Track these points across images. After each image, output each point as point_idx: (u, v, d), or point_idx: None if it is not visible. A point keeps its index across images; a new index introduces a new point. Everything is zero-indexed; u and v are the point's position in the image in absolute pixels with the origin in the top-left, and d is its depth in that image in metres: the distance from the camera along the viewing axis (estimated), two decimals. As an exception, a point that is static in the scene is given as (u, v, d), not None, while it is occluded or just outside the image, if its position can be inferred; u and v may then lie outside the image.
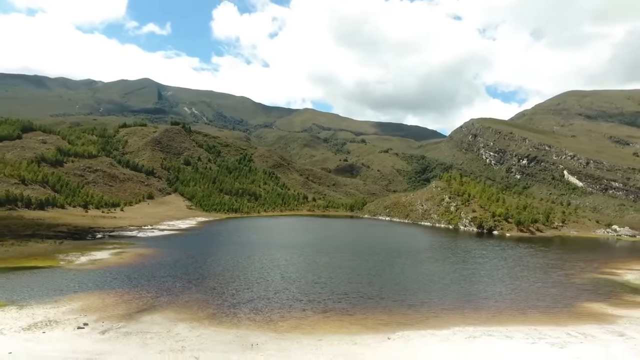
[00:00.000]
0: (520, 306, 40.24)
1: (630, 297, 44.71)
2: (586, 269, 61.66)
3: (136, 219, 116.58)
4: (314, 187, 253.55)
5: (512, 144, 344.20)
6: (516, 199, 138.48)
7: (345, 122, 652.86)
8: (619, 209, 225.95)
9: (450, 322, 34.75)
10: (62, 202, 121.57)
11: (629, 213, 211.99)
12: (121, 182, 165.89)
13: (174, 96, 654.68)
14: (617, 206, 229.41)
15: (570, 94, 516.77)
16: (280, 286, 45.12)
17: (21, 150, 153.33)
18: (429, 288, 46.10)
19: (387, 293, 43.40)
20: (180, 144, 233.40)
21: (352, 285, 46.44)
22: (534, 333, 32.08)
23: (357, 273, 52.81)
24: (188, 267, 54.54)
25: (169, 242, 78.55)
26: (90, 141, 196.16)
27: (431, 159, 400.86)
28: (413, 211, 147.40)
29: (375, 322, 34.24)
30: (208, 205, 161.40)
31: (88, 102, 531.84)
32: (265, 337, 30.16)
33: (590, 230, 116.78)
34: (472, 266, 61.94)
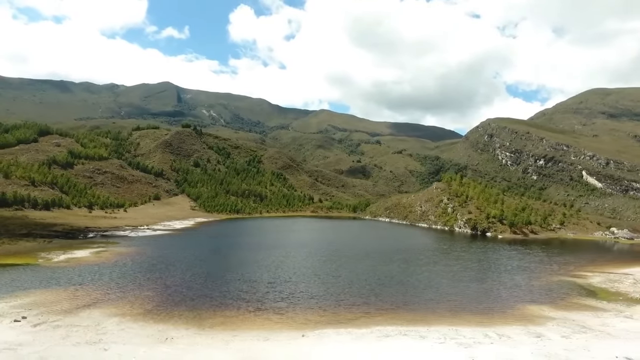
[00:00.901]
0: (458, 308, 40.55)
1: (578, 300, 44.29)
2: (557, 271, 60.88)
3: (136, 219, 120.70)
4: (322, 188, 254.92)
5: (529, 144, 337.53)
6: (517, 200, 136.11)
7: (361, 123, 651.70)
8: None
9: (376, 322, 35.55)
10: (68, 202, 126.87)
11: None
12: (129, 183, 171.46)
13: (193, 99, 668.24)
14: (638, 208, 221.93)
15: (593, 92, 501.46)
16: (233, 286, 46.73)
17: (35, 153, 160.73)
18: (377, 289, 46.78)
19: (332, 293, 44.40)
20: (191, 146, 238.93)
21: (302, 285, 47.65)
22: (451, 333, 32.59)
23: (315, 274, 53.91)
24: (156, 266, 56.84)
25: (155, 242, 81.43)
26: (103, 144, 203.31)
27: (445, 160, 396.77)
28: (412, 212, 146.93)
29: (302, 321, 35.40)
30: (211, 206, 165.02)
31: (110, 106, 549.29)
32: (186, 332, 31.81)
33: (588, 233, 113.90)
34: (439, 268, 62.08)
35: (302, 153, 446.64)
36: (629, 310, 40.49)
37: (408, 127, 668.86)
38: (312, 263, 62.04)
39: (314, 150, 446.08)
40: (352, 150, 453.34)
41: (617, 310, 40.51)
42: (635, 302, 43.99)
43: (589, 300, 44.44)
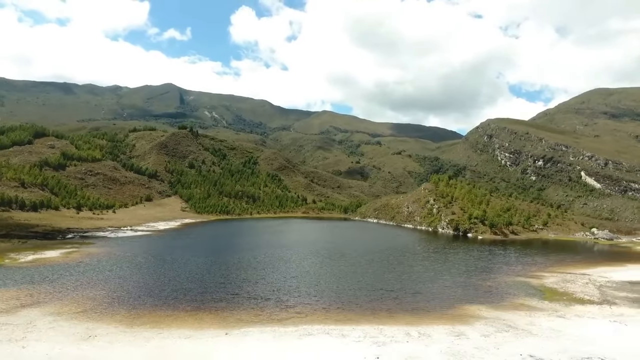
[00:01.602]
0: (398, 308, 41.15)
1: (521, 300, 44.69)
2: (518, 272, 61.16)
3: (122, 220, 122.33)
4: (317, 189, 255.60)
5: (528, 145, 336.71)
6: (503, 201, 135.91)
7: (363, 123, 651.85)
8: (638, 211, 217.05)
9: (307, 321, 36.30)
10: (57, 204, 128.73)
11: None
12: (121, 184, 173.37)
13: (196, 100, 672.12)
14: (636, 209, 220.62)
15: (596, 92, 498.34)
16: (183, 286, 47.67)
17: (28, 154, 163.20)
18: (327, 290, 47.41)
19: (278, 294, 45.18)
20: (187, 148, 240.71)
21: (250, 286, 48.50)
22: (373, 332, 33.26)
23: (270, 275, 54.64)
24: (119, 266, 57.93)
25: (131, 243, 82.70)
26: (98, 146, 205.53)
27: (445, 161, 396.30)
28: (399, 213, 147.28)
29: (233, 320, 36.24)
30: (202, 207, 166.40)
31: (113, 108, 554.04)
32: (114, 330, 32.79)
33: (570, 233, 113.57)
34: (402, 268, 62.60)
35: (302, 154, 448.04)
36: (564, 310, 40.87)
37: (410, 127, 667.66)
38: (274, 264, 62.80)
39: (314, 151, 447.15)
40: (352, 151, 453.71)
41: (553, 310, 40.91)
42: (576, 301, 44.34)
43: (532, 300, 44.84)
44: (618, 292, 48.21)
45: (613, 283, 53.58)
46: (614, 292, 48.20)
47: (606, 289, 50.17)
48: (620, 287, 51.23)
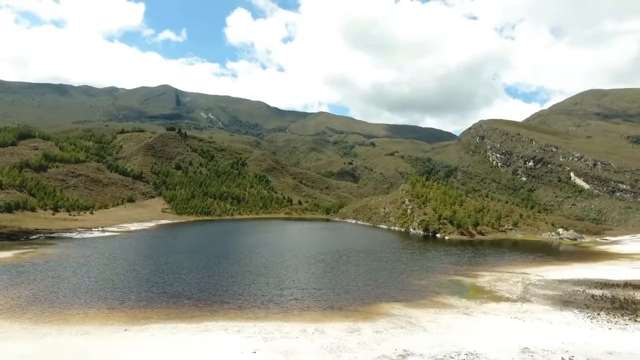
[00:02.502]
0: (315, 306, 41.94)
1: (441, 298, 45.54)
2: (458, 271, 61.97)
3: (97, 221, 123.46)
4: (305, 191, 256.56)
5: (519, 146, 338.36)
6: (478, 202, 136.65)
7: (358, 125, 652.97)
8: (625, 212, 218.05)
9: (214, 318, 37.19)
10: (34, 205, 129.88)
11: (634, 216, 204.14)
12: (104, 186, 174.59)
13: (192, 102, 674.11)
14: (623, 209, 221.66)
15: (589, 93, 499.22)
16: (111, 285, 48.72)
17: (10, 156, 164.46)
18: (254, 289, 48.36)
19: (203, 293, 46.09)
20: (174, 149, 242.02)
21: (183, 286, 49.45)
22: (270, 328, 34.10)
23: (204, 276, 55.36)
24: (59, 267, 58.65)
25: (93, 244, 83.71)
26: (84, 147, 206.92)
27: (437, 162, 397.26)
28: (376, 214, 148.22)
29: (142, 317, 37.15)
30: (183, 209, 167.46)
31: (108, 109, 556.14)
32: (16, 327, 33.74)
33: (538, 234, 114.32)
34: (347, 268, 63.45)
35: (296, 155, 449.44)
36: (476, 308, 41.73)
37: (405, 129, 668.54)
38: (218, 266, 63.69)
39: (308, 152, 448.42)
40: (345, 153, 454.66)
41: (464, 308, 41.78)
42: (494, 299, 45.20)
43: (452, 298, 45.71)
44: (541, 290, 49.05)
45: (543, 281, 54.41)
46: (537, 290, 49.04)
47: (532, 287, 51.03)
48: (547, 285, 52.07)
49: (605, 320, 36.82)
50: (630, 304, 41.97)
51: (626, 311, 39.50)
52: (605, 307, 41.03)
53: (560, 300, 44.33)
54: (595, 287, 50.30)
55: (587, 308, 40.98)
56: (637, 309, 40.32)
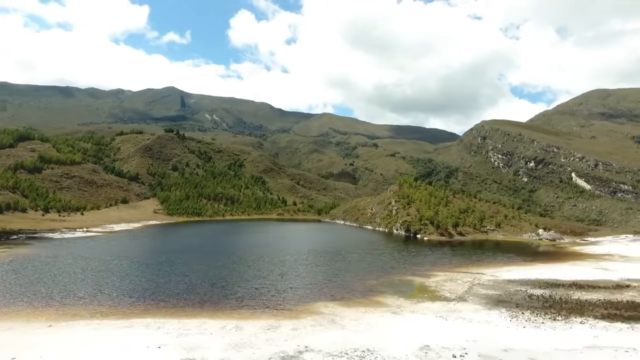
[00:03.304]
0: (252, 304, 42.86)
1: (380, 298, 46.15)
2: (414, 271, 62.38)
3: (85, 222, 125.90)
4: (301, 192, 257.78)
5: (521, 146, 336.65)
6: (466, 202, 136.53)
7: (362, 125, 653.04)
8: (626, 212, 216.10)
9: (143, 315, 38.43)
10: (25, 206, 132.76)
11: (635, 217, 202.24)
12: (98, 187, 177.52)
13: (197, 103, 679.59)
14: (624, 210, 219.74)
15: (594, 93, 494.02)
16: (58, 284, 50.22)
17: (6, 158, 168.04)
18: (205, 288, 49.46)
19: (147, 292, 47.33)
20: (171, 151, 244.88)
21: (133, 284, 50.83)
22: (192, 325, 35.07)
23: (156, 275, 56.39)
24: (20, 266, 59.98)
25: (68, 244, 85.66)
26: (82, 149, 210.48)
27: (438, 162, 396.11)
28: (363, 215, 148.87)
29: (71, 314, 38.32)
30: (174, 209, 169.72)
31: (114, 111, 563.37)
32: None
33: (520, 234, 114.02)
34: (309, 269, 64.27)
35: (298, 156, 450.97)
36: (409, 307, 42.35)
37: (409, 129, 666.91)
38: (185, 265, 64.89)
39: (310, 153, 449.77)
40: (347, 154, 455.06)
41: (397, 307, 42.41)
42: (432, 298, 45.75)
43: (391, 298, 46.35)
44: (483, 290, 49.46)
45: (493, 282, 54.76)
46: (480, 290, 49.46)
47: (478, 287, 51.44)
48: (494, 285, 52.42)
49: (524, 319, 37.26)
50: (562, 303, 42.29)
51: (552, 310, 39.87)
52: (534, 307, 41.41)
53: (496, 300, 44.76)
54: (540, 287, 50.58)
55: (517, 307, 41.40)
56: (565, 308, 40.65)
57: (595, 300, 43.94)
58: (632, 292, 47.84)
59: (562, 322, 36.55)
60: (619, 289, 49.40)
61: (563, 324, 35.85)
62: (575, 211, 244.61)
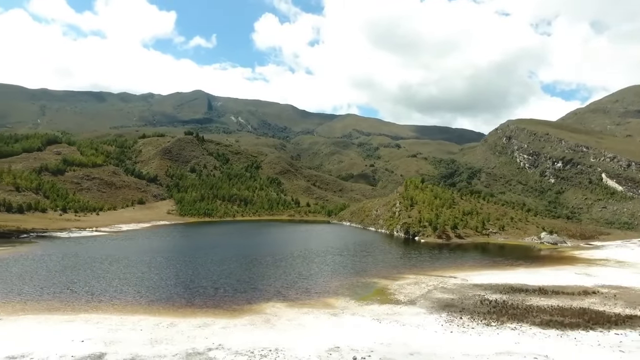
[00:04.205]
0: (207, 303, 44.35)
1: (332, 299, 46.43)
2: (384, 273, 61.85)
3: (97, 222, 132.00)
4: (316, 193, 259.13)
5: (548, 146, 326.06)
6: (472, 204, 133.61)
7: (387, 126, 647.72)
8: None
9: (102, 311, 40.89)
10: (45, 206, 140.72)
11: None
12: (117, 188, 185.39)
13: (223, 106, 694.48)
14: None
15: (630, 90, 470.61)
16: (38, 279, 53.74)
17: (33, 160, 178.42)
18: (162, 286, 51.78)
19: (114, 291, 49.85)
20: (190, 153, 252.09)
21: (107, 282, 53.67)
22: (115, 321, 37.20)
23: (131, 274, 58.94)
24: (8, 264, 64.40)
25: (70, 243, 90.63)
26: (105, 152, 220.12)
27: (461, 163, 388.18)
28: (368, 216, 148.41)
29: (36, 308, 41.36)
30: (186, 210, 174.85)
31: (144, 115, 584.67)
32: None
33: (522, 237, 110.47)
34: (278, 270, 65.49)
35: (319, 157, 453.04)
36: (353, 309, 42.59)
37: (435, 130, 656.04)
38: (166, 264, 67.56)
39: (331, 154, 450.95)
40: (368, 155, 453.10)
41: (342, 309, 42.72)
42: (383, 301, 45.78)
43: (342, 300, 46.67)
44: (440, 294, 48.96)
45: (457, 286, 53.97)
46: (436, 294, 48.99)
47: (437, 290, 50.94)
48: (455, 289, 51.71)
49: (457, 324, 36.93)
50: (509, 309, 41.47)
51: (493, 316, 39.24)
52: (479, 312, 40.84)
53: (444, 304, 44.35)
54: (502, 292, 49.55)
55: (460, 312, 40.97)
56: (509, 313, 39.86)
57: (547, 306, 42.81)
58: (594, 299, 46.17)
59: (494, 327, 36.01)
60: (582, 295, 47.75)
61: (492, 330, 35.34)
62: (605, 213, 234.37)
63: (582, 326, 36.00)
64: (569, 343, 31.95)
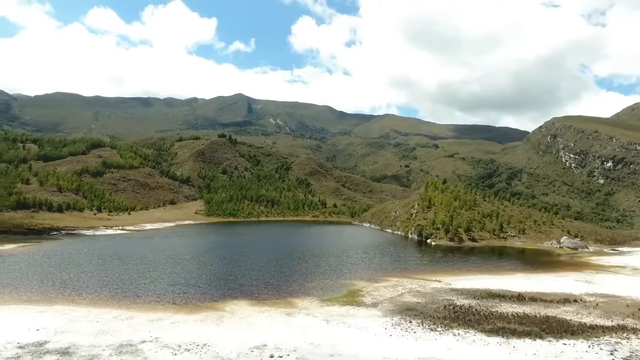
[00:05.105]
0: (176, 299, 46.54)
1: (299, 300, 46.72)
2: (373, 275, 61.72)
3: (126, 221, 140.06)
4: (345, 194, 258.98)
5: (596, 144, 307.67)
6: (495, 206, 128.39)
7: (425, 126, 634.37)
8: None
9: (68, 303, 44.25)
10: (82, 206, 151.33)
11: None
12: (150, 189, 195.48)
13: (263, 109, 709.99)
14: None
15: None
16: (36, 274, 58.52)
17: (76, 163, 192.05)
18: (142, 284, 54.77)
19: (97, 286, 53.47)
20: (223, 155, 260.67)
21: (88, 279, 57.61)
22: (84, 314, 39.97)
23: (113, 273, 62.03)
24: (17, 259, 70.14)
25: (91, 241, 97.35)
26: (143, 154, 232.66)
27: (501, 164, 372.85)
28: (387, 218, 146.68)
29: (8, 300, 45.49)
30: (213, 210, 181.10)
31: (188, 119, 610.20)
32: None
33: (543, 241, 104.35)
34: (261, 269, 66.83)
35: (354, 158, 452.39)
36: (312, 310, 42.87)
37: (477, 129, 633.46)
38: (166, 262, 70.86)
39: (366, 155, 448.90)
40: (404, 155, 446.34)
41: (302, 309, 43.13)
42: (347, 303, 45.69)
43: (306, 300, 47.04)
44: (408, 298, 48.07)
45: (434, 290, 52.66)
46: (404, 298, 48.14)
47: (408, 294, 50.02)
48: (428, 293, 50.49)
49: (402, 329, 36.42)
50: (469, 315, 40.20)
51: (445, 321, 38.23)
52: (434, 317, 39.92)
53: (405, 308, 43.63)
54: (475, 298, 47.92)
55: (415, 316, 40.23)
56: (465, 319, 38.62)
57: (512, 313, 41.04)
58: (570, 307, 43.60)
59: (437, 333, 35.20)
60: (560, 303, 45.18)
61: (433, 335, 34.58)
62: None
63: (533, 335, 34.38)
64: (502, 351, 30.77)
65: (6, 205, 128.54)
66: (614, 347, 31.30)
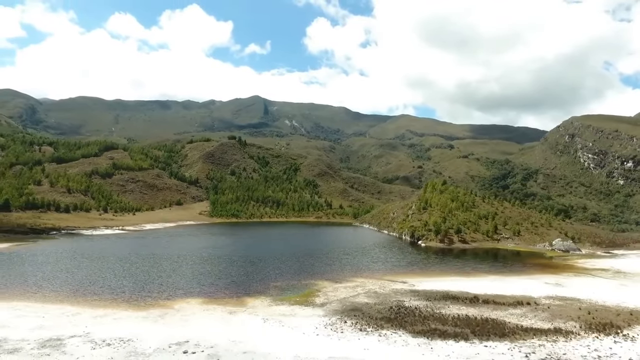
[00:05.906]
0: (123, 297, 48.20)
1: (252, 299, 47.22)
2: (341, 275, 61.72)
3: (129, 221, 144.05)
4: (353, 195, 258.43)
5: (616, 144, 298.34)
6: (494, 208, 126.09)
7: (441, 126, 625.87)
8: None
9: (27, 300, 46.29)
10: (89, 206, 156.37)
11: None
12: (158, 190, 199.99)
13: (279, 110, 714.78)
14: None
15: None
16: (13, 273, 61.13)
17: (87, 165, 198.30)
18: (112, 283, 56.54)
19: (67, 285, 55.64)
20: (232, 156, 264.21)
21: (70, 277, 59.87)
22: (37, 310, 41.75)
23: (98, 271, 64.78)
24: (14, 256, 73.54)
25: (85, 241, 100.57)
26: (153, 156, 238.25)
27: (517, 164, 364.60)
28: (385, 219, 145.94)
29: None
30: (217, 211, 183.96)
31: (205, 121, 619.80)
32: None
33: (536, 243, 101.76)
34: (233, 269, 67.86)
35: (367, 160, 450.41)
36: (259, 310, 43.25)
37: (495, 129, 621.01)
38: (148, 263, 73.02)
39: (379, 156, 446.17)
40: (418, 156, 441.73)
41: (248, 308, 43.86)
42: (296, 303, 46.05)
43: (260, 299, 47.66)
44: (361, 299, 48.02)
45: (392, 291, 52.36)
46: (356, 299, 48.08)
47: (362, 295, 49.95)
48: (383, 294, 50.23)
49: (333, 329, 36.54)
50: (408, 316, 40.06)
51: (380, 322, 38.17)
52: (374, 317, 39.89)
53: (350, 309, 43.67)
54: (428, 299, 47.53)
55: (354, 317, 40.32)
56: (402, 320, 38.52)
57: (454, 315, 40.63)
58: (518, 310, 42.79)
59: (363, 334, 35.26)
60: (511, 306, 44.32)
61: (358, 336, 34.68)
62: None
63: (459, 336, 34.07)
64: (417, 352, 30.69)
65: (16, 206, 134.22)
66: (532, 350, 30.80)
